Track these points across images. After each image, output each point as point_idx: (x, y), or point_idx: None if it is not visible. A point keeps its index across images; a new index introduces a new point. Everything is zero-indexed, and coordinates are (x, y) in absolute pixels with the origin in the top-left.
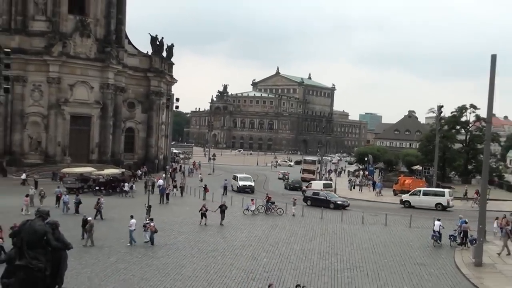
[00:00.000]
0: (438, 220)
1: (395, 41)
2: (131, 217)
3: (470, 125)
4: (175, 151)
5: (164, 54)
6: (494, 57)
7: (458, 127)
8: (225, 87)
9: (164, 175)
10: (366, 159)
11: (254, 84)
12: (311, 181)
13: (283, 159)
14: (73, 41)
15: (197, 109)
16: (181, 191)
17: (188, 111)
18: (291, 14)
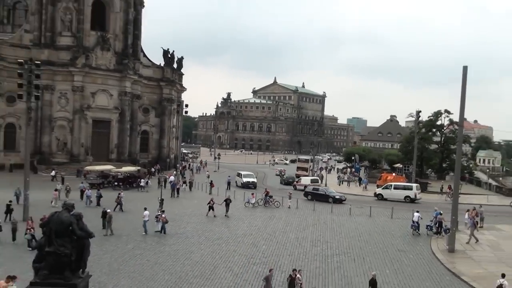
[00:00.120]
0: (417, 212)
1: (379, 54)
2: (145, 209)
3: (445, 128)
4: (185, 151)
5: (175, 66)
6: (466, 68)
7: (434, 130)
8: (229, 95)
9: (175, 172)
10: (353, 158)
11: (254, 92)
12: (301, 177)
13: (280, 158)
14: (95, 54)
15: (204, 114)
16: (190, 186)
17: (196, 116)
18: (287, 30)
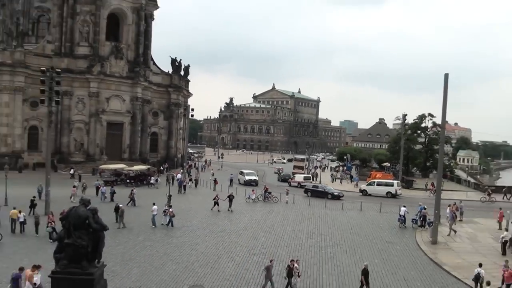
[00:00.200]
0: (404, 207)
1: (369, 62)
2: (153, 204)
3: (428, 130)
4: (191, 151)
5: (182, 73)
6: (447, 76)
7: (419, 132)
8: (231, 100)
9: (182, 170)
10: (345, 158)
11: (254, 97)
12: (294, 175)
13: (278, 158)
14: (109, 63)
15: (209, 117)
16: (196, 183)
17: (201, 119)
18: (284, 40)
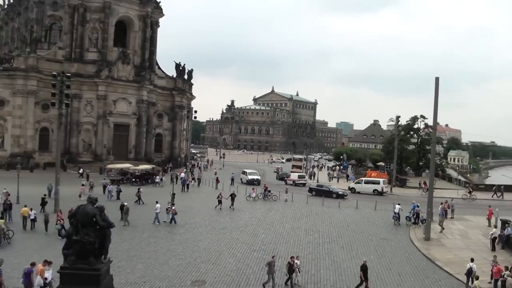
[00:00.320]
0: (398, 204)
1: (364, 66)
2: (156, 202)
3: (421, 131)
4: (194, 151)
5: (186, 77)
6: (437, 79)
7: (412, 133)
8: (232, 102)
9: (185, 170)
10: (341, 157)
11: (255, 100)
12: (290, 173)
13: (277, 157)
14: (117, 67)
15: (211, 119)
16: (198, 182)
17: (204, 120)
18: (283, 45)
